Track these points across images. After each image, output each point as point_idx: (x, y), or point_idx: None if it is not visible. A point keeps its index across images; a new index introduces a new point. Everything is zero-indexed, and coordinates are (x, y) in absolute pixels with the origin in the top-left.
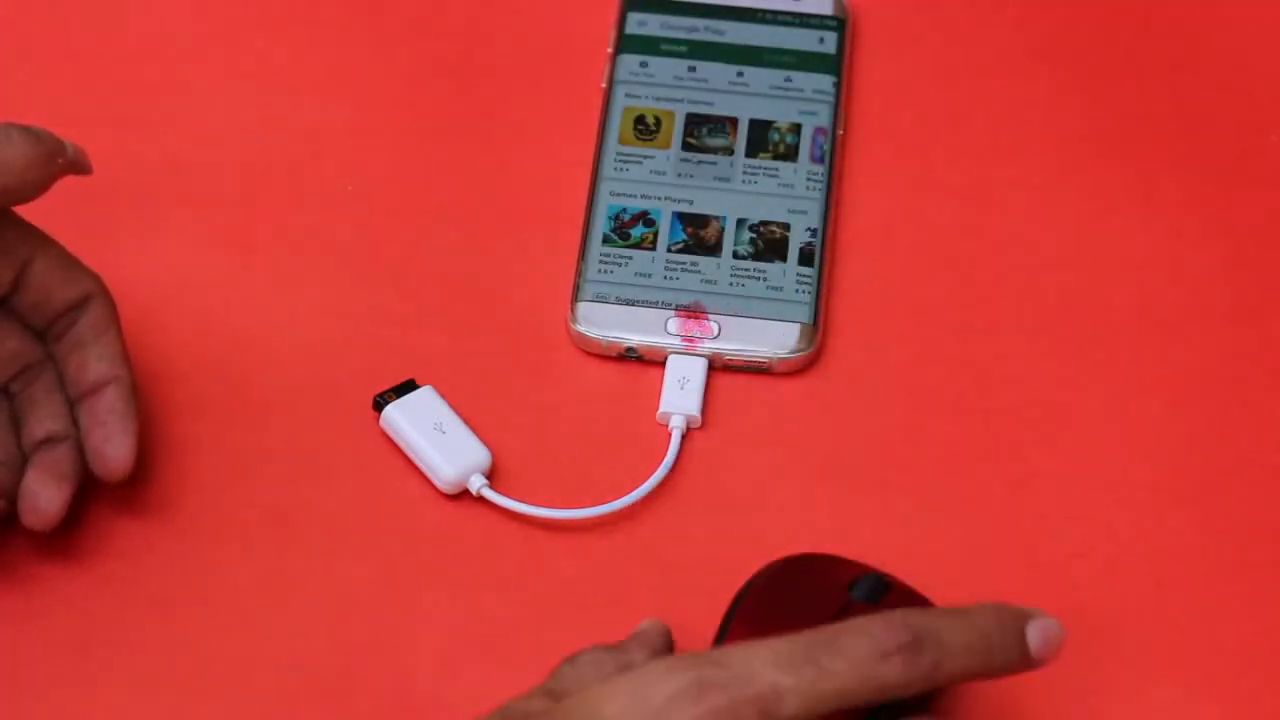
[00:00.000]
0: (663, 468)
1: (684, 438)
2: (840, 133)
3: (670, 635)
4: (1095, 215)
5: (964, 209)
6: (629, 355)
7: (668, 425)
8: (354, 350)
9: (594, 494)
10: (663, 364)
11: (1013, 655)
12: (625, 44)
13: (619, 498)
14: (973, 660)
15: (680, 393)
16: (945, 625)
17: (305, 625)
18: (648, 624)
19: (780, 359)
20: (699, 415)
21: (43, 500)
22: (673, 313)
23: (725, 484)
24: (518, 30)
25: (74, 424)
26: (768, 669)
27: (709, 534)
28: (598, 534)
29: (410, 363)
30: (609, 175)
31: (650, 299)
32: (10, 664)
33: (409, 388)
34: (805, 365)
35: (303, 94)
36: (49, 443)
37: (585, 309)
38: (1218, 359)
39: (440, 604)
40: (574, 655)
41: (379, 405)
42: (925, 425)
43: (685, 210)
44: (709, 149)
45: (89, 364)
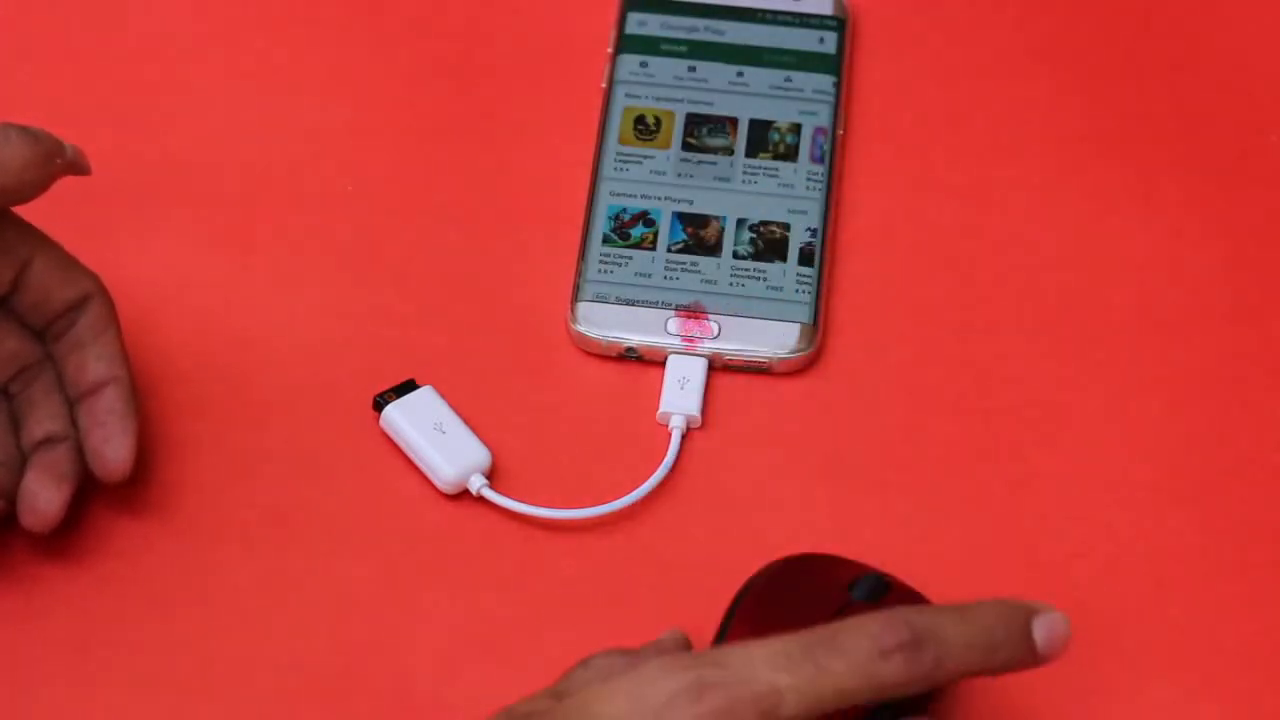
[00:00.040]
0: (663, 468)
1: (684, 438)
2: (840, 133)
3: (690, 646)
4: (1095, 215)
5: (964, 209)
6: (629, 355)
7: (668, 425)
8: (354, 350)
9: (594, 494)
10: (663, 364)
11: (1017, 651)
12: (625, 44)
13: (619, 498)
14: (975, 657)
15: (680, 393)
16: (946, 623)
17: (305, 625)
18: (668, 634)
19: (780, 359)
20: (699, 415)
21: (41, 501)
22: (673, 313)
23: (725, 484)
24: (518, 30)
25: (73, 424)
26: (767, 669)
27: (709, 534)
28: (598, 534)
29: (410, 363)
30: (609, 175)
31: (650, 299)
32: (10, 664)
33: (409, 388)
34: (805, 365)
35: (303, 94)
36: (48, 443)
37: (585, 309)
38: (1218, 359)
39: (440, 604)
40: (587, 658)
41: (379, 405)
42: (925, 425)
43: (685, 210)
44: (709, 149)
45: (88, 364)
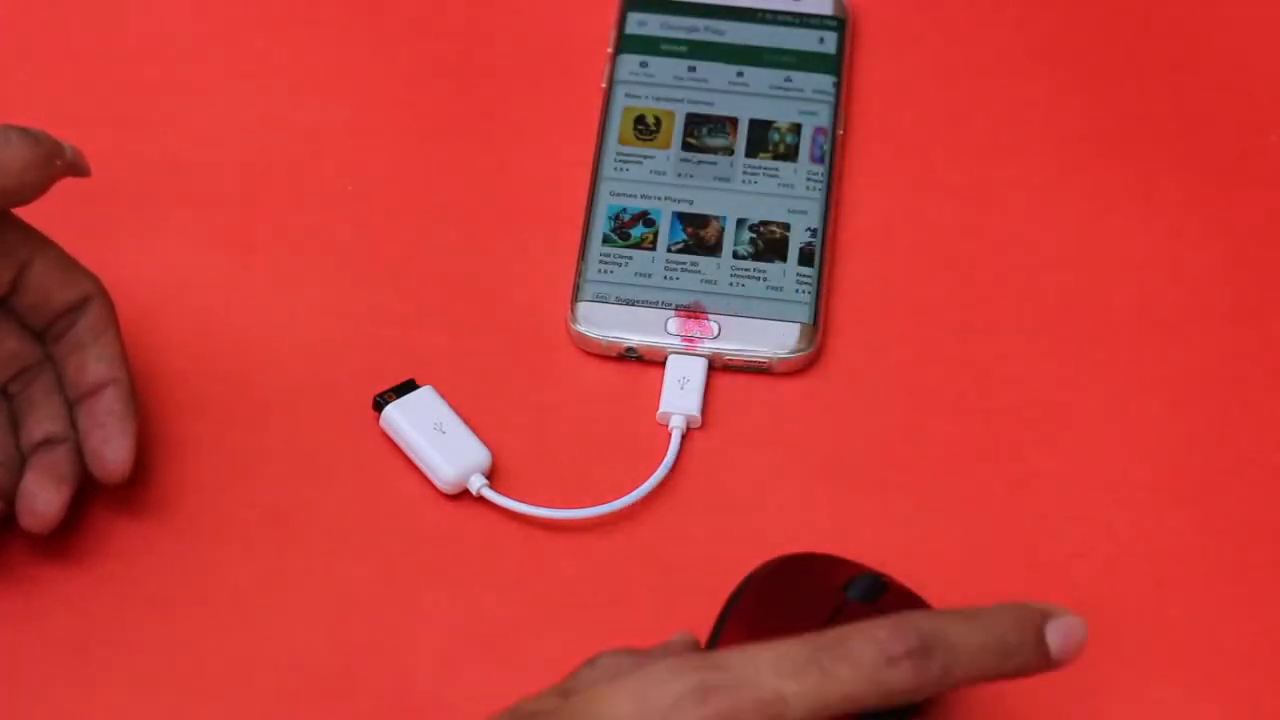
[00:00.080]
0: (663, 468)
1: (684, 438)
2: (840, 133)
3: (699, 648)
4: (1095, 215)
5: (964, 209)
6: (629, 355)
7: (668, 425)
8: (354, 350)
9: (594, 494)
10: (663, 364)
11: (1030, 656)
12: (625, 44)
13: (619, 498)
14: (986, 663)
15: (680, 393)
16: (957, 628)
17: (305, 625)
18: (678, 637)
19: (780, 359)
20: (699, 415)
21: (41, 502)
22: (673, 313)
23: (725, 484)
24: (518, 30)
25: (73, 425)
26: (772, 674)
27: (709, 534)
28: (598, 534)
29: (410, 363)
30: (609, 175)
31: (650, 299)
32: (10, 664)
33: (409, 388)
34: (805, 365)
35: (303, 94)
36: (48, 444)
37: (585, 309)
38: (1218, 359)
39: (440, 604)
40: (595, 657)
41: (379, 405)
42: (925, 425)
43: (685, 210)
44: (709, 149)
45: (88, 365)
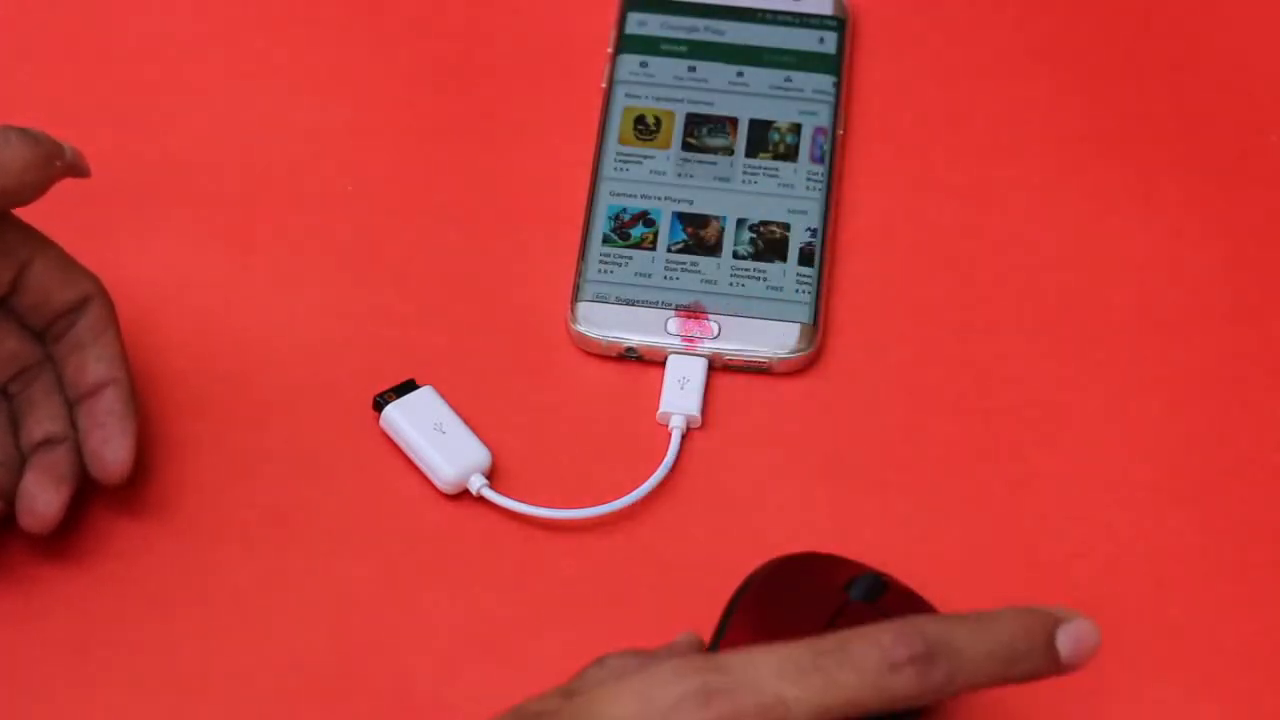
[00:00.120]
0: (663, 468)
1: (684, 438)
2: (840, 133)
3: (705, 649)
4: (1095, 215)
5: (964, 209)
6: (629, 355)
7: (668, 425)
8: (354, 350)
9: (594, 494)
10: (663, 364)
11: (1038, 662)
12: (625, 44)
13: (619, 498)
14: (993, 669)
15: (680, 393)
16: (963, 634)
17: (305, 625)
18: (684, 637)
19: (780, 359)
20: (699, 415)
21: (40, 503)
22: (673, 313)
23: (725, 484)
24: (518, 30)
25: (73, 426)
26: (774, 678)
27: (709, 534)
28: (598, 534)
29: (410, 363)
30: (609, 175)
31: (650, 299)
32: (10, 664)
33: (409, 388)
34: (805, 365)
35: (303, 94)
36: (47, 444)
37: (585, 309)
38: (1218, 359)
39: (440, 604)
40: (602, 657)
41: (379, 405)
42: (925, 425)
43: (685, 210)
44: (709, 149)
45: (88, 365)
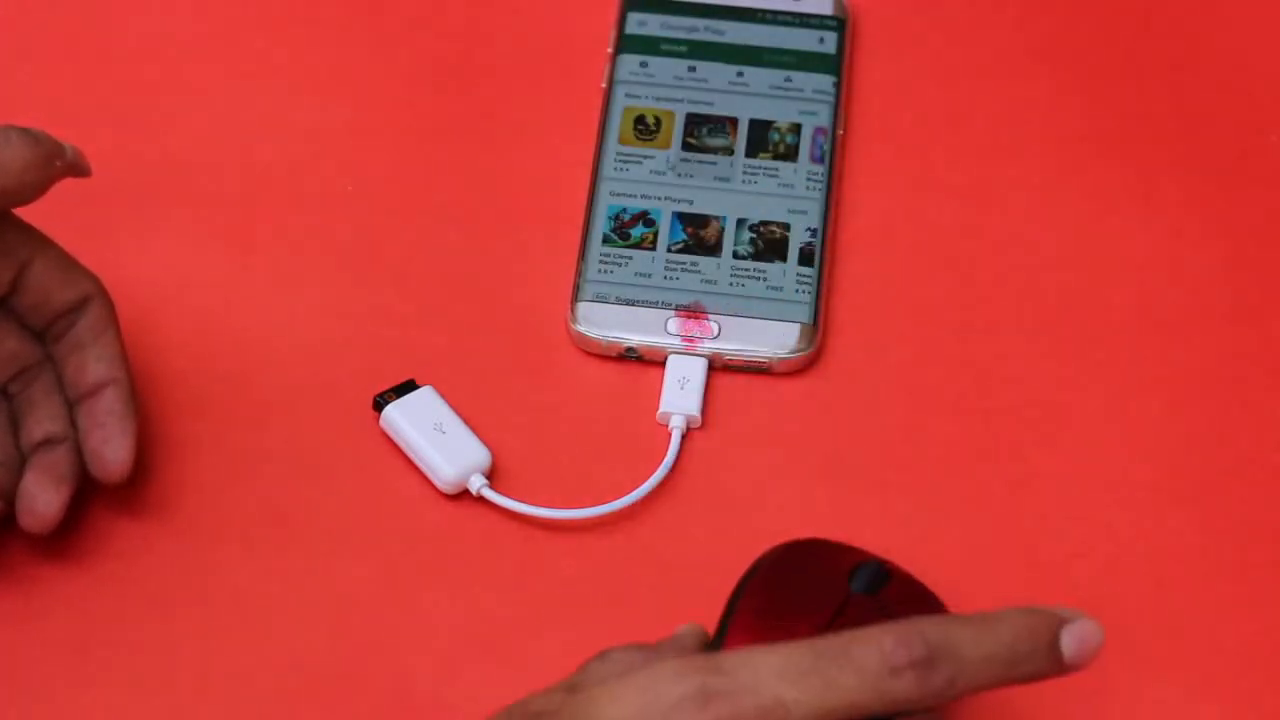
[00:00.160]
0: (663, 468)
1: (684, 438)
2: (840, 133)
3: (709, 639)
4: (1095, 215)
5: (964, 209)
6: (629, 355)
7: (668, 425)
8: (354, 350)
9: (594, 494)
10: (663, 364)
11: (1041, 663)
12: (625, 44)
13: (619, 498)
14: (995, 672)
15: (680, 393)
16: (965, 637)
17: (305, 625)
18: (687, 629)
19: (780, 359)
20: (699, 415)
21: (40, 503)
22: (673, 313)
23: (725, 484)
24: (518, 30)
25: (73, 425)
26: (774, 680)
27: (709, 534)
28: (598, 534)
29: (410, 363)
30: (609, 175)
31: (650, 299)
32: (10, 664)
33: (409, 388)
34: (805, 365)
35: (303, 94)
36: (47, 444)
37: (585, 309)
38: (1218, 359)
39: (440, 604)
40: (606, 651)
41: (379, 405)
42: (925, 425)
43: (685, 210)
44: (709, 149)
45: (88, 365)
